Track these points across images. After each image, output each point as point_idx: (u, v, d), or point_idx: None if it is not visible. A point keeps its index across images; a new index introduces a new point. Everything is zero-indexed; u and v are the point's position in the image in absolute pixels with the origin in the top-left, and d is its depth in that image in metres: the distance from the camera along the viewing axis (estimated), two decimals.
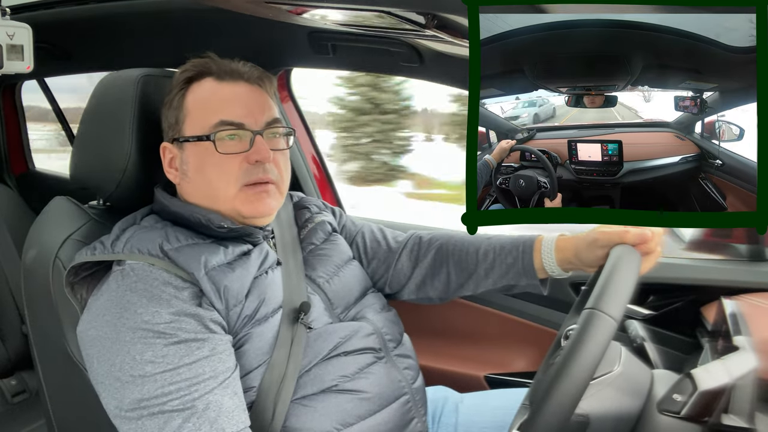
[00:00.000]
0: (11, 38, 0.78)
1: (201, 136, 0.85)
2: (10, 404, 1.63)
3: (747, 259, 1.15)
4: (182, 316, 0.74)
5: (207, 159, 0.84)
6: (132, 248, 0.80)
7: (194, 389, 0.71)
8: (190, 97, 0.87)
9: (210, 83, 0.87)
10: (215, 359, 0.74)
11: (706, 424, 0.69)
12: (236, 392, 0.75)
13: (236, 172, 0.84)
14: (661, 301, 1.18)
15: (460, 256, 1.01)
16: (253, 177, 0.84)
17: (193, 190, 0.88)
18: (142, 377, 0.71)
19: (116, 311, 0.75)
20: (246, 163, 0.84)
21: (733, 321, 0.86)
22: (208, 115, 0.85)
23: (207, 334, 0.75)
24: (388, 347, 0.92)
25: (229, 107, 0.85)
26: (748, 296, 1.02)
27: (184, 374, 0.71)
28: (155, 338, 0.72)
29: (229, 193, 0.84)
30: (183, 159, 0.87)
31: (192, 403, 0.70)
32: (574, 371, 0.62)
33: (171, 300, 0.75)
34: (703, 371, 0.71)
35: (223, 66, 0.88)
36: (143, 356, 0.71)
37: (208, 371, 0.72)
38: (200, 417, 0.70)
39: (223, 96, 0.86)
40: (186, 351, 0.72)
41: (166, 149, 0.89)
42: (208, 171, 0.85)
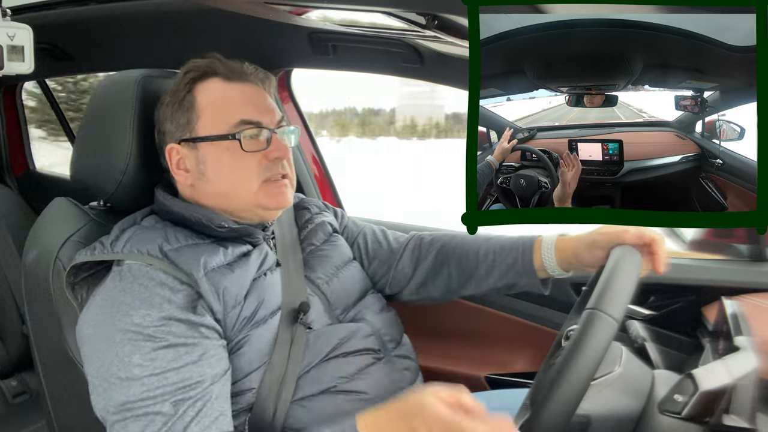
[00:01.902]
0: (12, 39, 0.78)
1: (224, 135, 0.85)
2: (11, 405, 1.63)
3: (748, 260, 1.15)
4: (172, 320, 0.74)
5: (228, 157, 0.85)
6: (131, 248, 0.80)
7: (180, 393, 0.71)
8: (201, 98, 0.87)
9: (218, 84, 0.87)
10: (204, 364, 0.74)
11: (707, 425, 0.69)
12: (225, 398, 0.75)
13: (257, 168, 0.86)
14: (661, 302, 1.18)
15: (461, 256, 1.01)
16: (274, 173, 0.86)
17: (211, 189, 0.87)
18: (129, 380, 0.71)
19: (109, 311, 0.75)
20: (265, 160, 0.86)
21: (734, 321, 0.86)
22: (226, 114, 0.85)
23: (197, 339, 0.75)
24: (387, 348, 0.92)
25: (245, 107, 0.86)
26: (748, 296, 1.02)
27: (171, 378, 0.71)
28: (144, 341, 0.72)
29: (252, 188, 0.86)
30: (199, 159, 0.86)
31: (176, 408, 0.70)
32: (575, 372, 0.62)
33: (163, 303, 0.75)
34: (704, 371, 0.71)
35: (231, 67, 0.88)
36: (131, 359, 0.72)
37: (195, 376, 0.72)
38: (183, 421, 0.70)
39: (236, 96, 0.87)
40: (174, 355, 0.73)
41: (173, 150, 0.88)
42: (229, 169, 0.85)
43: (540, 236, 0.95)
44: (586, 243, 0.87)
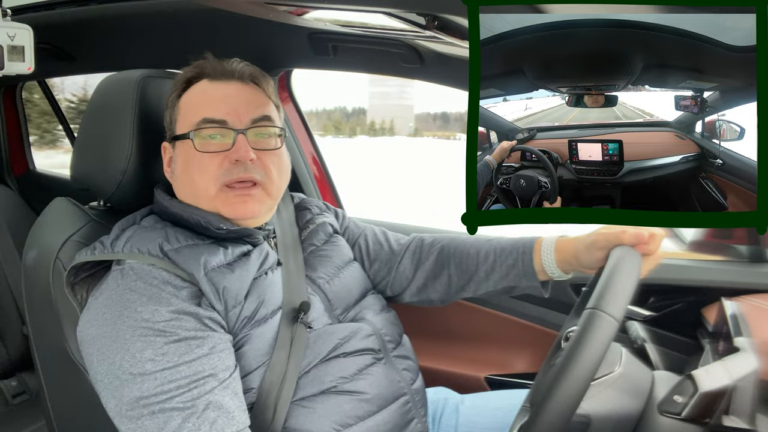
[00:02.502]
0: (12, 39, 0.78)
1: (185, 134, 0.85)
2: (11, 405, 1.63)
3: (748, 260, 1.15)
4: (182, 314, 0.74)
5: (190, 157, 0.85)
6: (132, 248, 0.80)
7: (194, 387, 0.71)
8: (184, 98, 0.88)
9: (204, 84, 0.88)
10: (215, 357, 0.74)
11: (707, 426, 0.69)
12: (236, 392, 0.75)
13: (216, 171, 0.83)
14: (661, 302, 1.18)
15: (461, 258, 1.01)
16: (233, 176, 0.83)
17: (180, 189, 0.89)
18: (142, 375, 0.71)
19: (116, 310, 0.75)
20: (227, 162, 0.83)
21: (733, 322, 0.86)
22: (193, 113, 0.86)
23: (206, 332, 0.75)
24: (387, 348, 0.92)
25: (213, 105, 0.85)
26: (748, 297, 1.01)
27: (183, 372, 0.71)
28: (155, 336, 0.72)
29: (210, 192, 0.83)
30: (173, 157, 0.89)
31: (192, 402, 0.70)
32: (574, 372, 0.62)
33: (170, 299, 0.75)
34: (704, 372, 0.71)
35: (217, 66, 0.88)
36: (143, 354, 0.71)
37: (207, 369, 0.72)
38: (200, 417, 0.70)
39: (211, 95, 0.86)
40: (186, 349, 0.72)
41: (166, 149, 0.91)
42: (190, 169, 0.85)
43: (540, 237, 0.95)
44: (585, 244, 0.87)
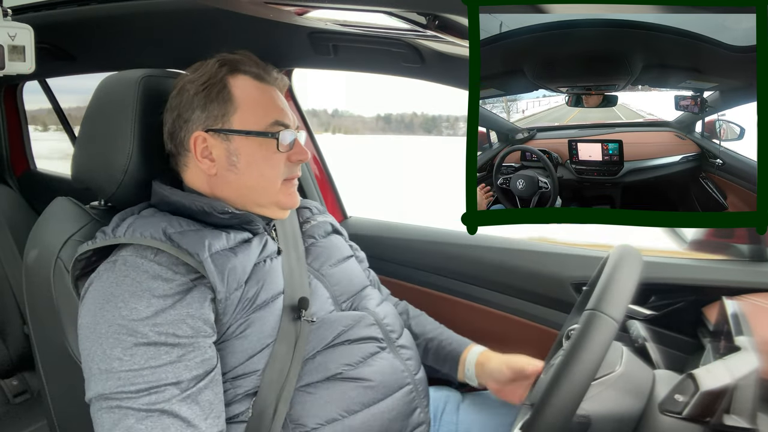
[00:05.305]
0: (13, 39, 0.78)
1: (263, 132, 0.88)
2: (12, 405, 1.63)
3: (748, 260, 1.15)
4: (159, 315, 0.75)
5: (262, 154, 0.88)
6: (134, 232, 0.81)
7: (153, 392, 0.72)
8: (237, 92, 0.88)
9: (250, 81, 0.90)
10: (181, 366, 0.74)
11: (708, 425, 0.69)
12: (199, 402, 0.74)
13: (282, 168, 0.90)
14: (662, 302, 1.17)
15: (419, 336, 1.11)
16: (293, 173, 0.93)
17: (238, 181, 0.89)
18: (108, 372, 0.73)
19: (99, 302, 0.76)
20: (288, 161, 0.91)
21: (734, 321, 0.86)
22: (263, 113, 0.89)
23: (179, 339, 0.75)
24: (390, 338, 0.93)
25: (278, 108, 0.91)
26: (749, 296, 1.01)
27: (146, 377, 0.72)
28: (127, 335, 0.73)
29: (276, 186, 0.90)
30: (230, 150, 0.88)
31: (147, 407, 0.71)
32: (575, 372, 0.62)
33: (152, 299, 0.75)
34: (705, 371, 0.71)
35: (261, 67, 0.92)
36: (112, 351, 0.73)
37: (171, 377, 0.73)
38: (155, 422, 0.71)
39: (272, 97, 0.91)
40: (154, 353, 0.73)
41: (200, 138, 0.88)
42: (262, 165, 0.89)
43: (469, 346, 1.08)
44: (500, 359, 1.00)
